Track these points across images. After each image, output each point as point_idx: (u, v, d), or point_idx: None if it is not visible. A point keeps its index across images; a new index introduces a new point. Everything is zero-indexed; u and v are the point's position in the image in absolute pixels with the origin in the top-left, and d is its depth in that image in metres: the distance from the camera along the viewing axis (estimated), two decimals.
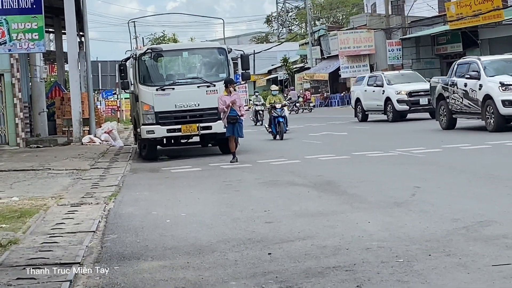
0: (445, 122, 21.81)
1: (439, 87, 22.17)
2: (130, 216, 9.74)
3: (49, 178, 14.76)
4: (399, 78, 31.14)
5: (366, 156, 15.78)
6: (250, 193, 11.28)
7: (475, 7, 43.75)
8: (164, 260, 6.93)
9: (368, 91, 31.18)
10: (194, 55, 19.70)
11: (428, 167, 13.28)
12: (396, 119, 28.93)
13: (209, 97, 18.10)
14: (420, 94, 28.64)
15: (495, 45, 45.36)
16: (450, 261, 6.14)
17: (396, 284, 5.55)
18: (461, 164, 13.45)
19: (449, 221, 7.86)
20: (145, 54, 18.81)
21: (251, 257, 6.80)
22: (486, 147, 15.87)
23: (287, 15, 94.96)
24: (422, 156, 14.96)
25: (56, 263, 6.84)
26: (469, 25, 44.60)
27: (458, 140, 17.62)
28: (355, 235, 7.47)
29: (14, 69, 23.79)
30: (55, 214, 9.88)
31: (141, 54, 18.80)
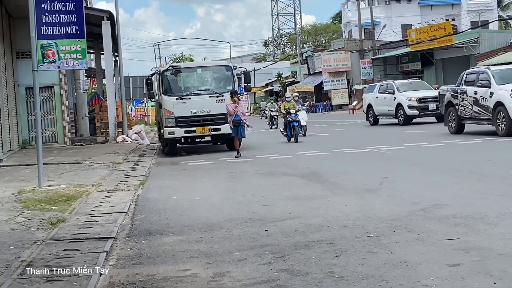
0: (454, 127, 19.47)
1: (448, 95, 19.88)
2: (154, 200, 9.74)
3: (90, 169, 14.77)
4: (408, 86, 28.77)
5: (344, 152, 15.77)
6: (251, 182, 11.27)
7: (431, 33, 43.83)
8: (182, 235, 6.93)
9: (379, 98, 29.14)
10: (206, 72, 19.70)
11: (393, 161, 13.27)
12: (406, 123, 26.85)
13: (218, 105, 18.10)
14: (428, 100, 26.56)
15: (447, 64, 45.44)
16: (411, 236, 6.14)
17: (367, 255, 5.55)
18: (420, 158, 13.45)
19: (410, 204, 7.86)
20: (167, 70, 18.82)
21: (252, 233, 6.80)
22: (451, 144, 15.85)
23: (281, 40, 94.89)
24: (389, 153, 14.96)
25: (95, 237, 6.85)
26: (426, 47, 44.65)
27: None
28: (334, 215, 7.47)
29: (62, 83, 23.82)
30: (95, 198, 9.89)
31: (164, 71, 18.82)
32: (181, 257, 5.91)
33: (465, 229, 6.31)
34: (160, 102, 19.11)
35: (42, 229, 7.39)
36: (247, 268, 5.36)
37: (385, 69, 52.40)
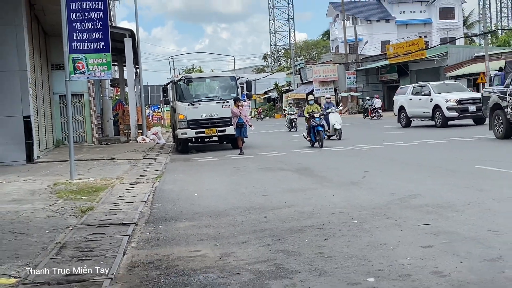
0: (502, 131, 15.33)
1: (495, 97, 15.65)
2: (170, 191, 9.74)
3: (114, 165, 14.77)
4: (444, 87, 24.26)
5: (332, 150, 15.76)
6: (252, 176, 11.27)
7: (406, 48, 43.81)
8: (193, 221, 6.94)
9: (413, 100, 24.64)
10: (213, 81, 19.69)
11: (374, 158, 13.26)
12: (444, 125, 22.55)
13: (224, 109, 18.11)
14: (468, 102, 22.37)
15: (420, 75, 45.41)
16: (389, 222, 6.14)
17: (352, 238, 5.55)
18: (397, 156, 13.44)
19: (388, 195, 7.86)
20: (180, 80, 18.82)
21: (253, 219, 6.80)
22: None
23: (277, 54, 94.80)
24: (370, 151, 14.94)
25: (119, 223, 6.85)
26: (402, 60, 44.63)
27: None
28: (324, 204, 7.47)
29: (90, 91, 23.81)
30: (118, 189, 9.89)
31: (178, 80, 18.83)
32: (192, 240, 5.92)
33: (436, 216, 6.31)
34: (174, 107, 19.13)
35: (73, 216, 7.40)
36: (249, 249, 5.37)
37: (367, 79, 52.43)
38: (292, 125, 29.94)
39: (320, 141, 16.90)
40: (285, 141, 21.92)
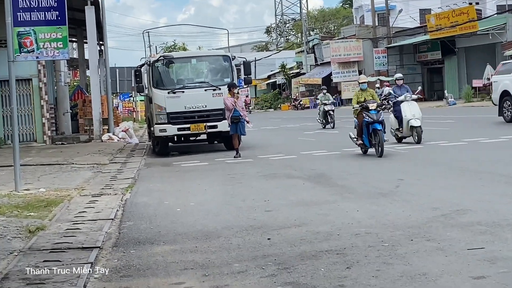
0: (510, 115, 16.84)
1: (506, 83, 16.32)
2: (144, 205, 9.74)
3: (72, 171, 14.77)
4: None
5: (355, 152, 15.76)
6: (251, 185, 11.27)
7: (453, 19, 43.77)
8: (175, 245, 6.94)
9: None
10: (201, 62, 19.69)
11: (410, 161, 13.25)
12: None
13: (215, 99, 18.10)
14: None
15: (470, 53, 45.42)
16: (430, 246, 6.14)
17: (381, 266, 5.55)
18: (440, 159, 13.43)
19: (429, 210, 7.86)
20: (158, 61, 18.83)
21: (252, 242, 6.80)
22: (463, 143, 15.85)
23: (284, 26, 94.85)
24: (405, 152, 14.94)
25: (78, 247, 6.85)
26: (447, 35, 44.60)
27: None
28: (345, 222, 7.47)
29: (41, 74, 23.82)
30: (77, 203, 9.89)
31: (155, 61, 18.82)
32: (174, 269, 5.91)
33: (491, 237, 6.31)
34: (150, 96, 19.12)
35: (19, 238, 7.39)
36: (247, 282, 5.37)
37: (401, 59, 52.43)
38: (327, 119, 27.42)
39: (378, 145, 14.12)
40: (294, 140, 21.93)
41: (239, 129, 16.57)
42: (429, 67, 50.95)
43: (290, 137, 23.54)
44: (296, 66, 72.08)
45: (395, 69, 52.09)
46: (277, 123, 34.26)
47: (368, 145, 14.65)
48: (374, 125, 14.37)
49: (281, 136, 24.52)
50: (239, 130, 16.59)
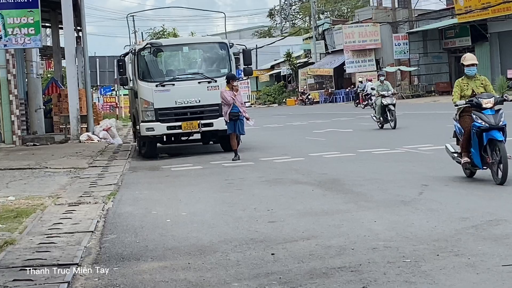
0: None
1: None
2: (129, 215, 9.73)
3: (46, 177, 14.76)
4: None
5: (372, 153, 15.76)
6: (252, 192, 11.27)
7: (484, 0, 43.68)
8: (165, 261, 6.93)
9: None
10: (194, 50, 19.69)
11: (436, 164, 13.25)
12: None
13: (210, 93, 18.08)
14: None
15: (505, 39, 45.35)
16: (459, 261, 6.14)
17: (403, 285, 5.55)
18: None
19: (458, 220, 7.86)
20: (144, 49, 18.81)
21: (254, 258, 6.80)
22: None
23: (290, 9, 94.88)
24: (430, 153, 14.95)
25: (53, 264, 6.84)
26: (478, 18, 44.58)
27: None
28: (360, 235, 7.47)
29: (9, 65, 23.79)
30: (52, 213, 9.87)
31: (140, 49, 18.80)
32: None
33: None
34: (135, 90, 19.12)
35: None
36: None
37: (424, 46, 52.44)
38: (386, 116, 23.73)
39: (498, 165, 10.42)
40: (301, 139, 21.94)
41: (238, 127, 16.56)
42: (457, 56, 50.82)
43: (296, 136, 23.54)
44: (303, 55, 72.09)
45: (418, 58, 52.18)
46: (282, 121, 34.27)
47: (480, 165, 10.82)
48: (491, 133, 10.55)
49: (287, 135, 24.52)
50: (238, 128, 16.58)
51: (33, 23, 12.29)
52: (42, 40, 23.35)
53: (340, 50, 59.16)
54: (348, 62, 57.58)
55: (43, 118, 29.04)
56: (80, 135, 24.78)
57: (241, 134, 16.95)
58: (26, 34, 12.39)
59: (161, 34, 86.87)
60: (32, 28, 12.34)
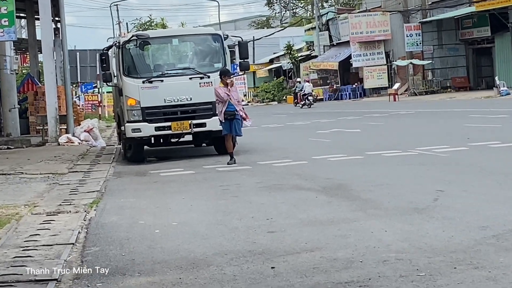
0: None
1: None
2: (114, 226, 9.72)
3: (21, 183, 14.74)
4: None
5: (382, 156, 15.76)
6: (250, 199, 11.27)
7: None
8: (153, 276, 6.93)
9: None
10: (185, 43, 19.68)
11: (452, 168, 13.26)
12: None
13: (202, 90, 18.07)
14: None
15: None
16: (479, 275, 6.14)
17: None
18: (491, 164, 13.43)
19: (477, 229, 7.85)
20: (130, 41, 18.79)
21: (252, 272, 6.80)
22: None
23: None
24: (446, 156, 14.95)
25: (30, 280, 6.83)
26: (498, 6, 44.61)
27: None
28: (370, 246, 7.47)
29: None
30: (28, 224, 9.86)
31: (125, 42, 18.79)
32: None
33: None
34: (120, 87, 19.10)
35: None
36: None
37: (439, 37, 52.46)
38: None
39: None
40: (303, 141, 21.96)
41: (234, 128, 16.54)
42: (475, 48, 50.99)
43: (298, 137, 23.54)
44: (305, 47, 72.15)
45: (432, 51, 52.22)
46: (282, 120, 34.30)
47: None
48: None
49: (287, 136, 24.52)
50: (234, 129, 16.56)
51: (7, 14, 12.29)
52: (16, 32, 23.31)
53: (346, 42, 59.20)
54: (354, 55, 57.60)
55: (18, 118, 29.05)
56: (59, 137, 24.77)
57: (238, 135, 16.92)
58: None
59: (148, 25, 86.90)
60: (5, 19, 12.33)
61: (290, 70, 71.15)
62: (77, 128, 26.32)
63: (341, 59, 60.23)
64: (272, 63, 76.49)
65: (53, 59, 26.17)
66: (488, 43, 49.09)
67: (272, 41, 73.14)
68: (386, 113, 33.70)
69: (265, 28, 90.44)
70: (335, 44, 63.30)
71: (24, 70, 50.41)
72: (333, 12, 65.29)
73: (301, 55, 70.16)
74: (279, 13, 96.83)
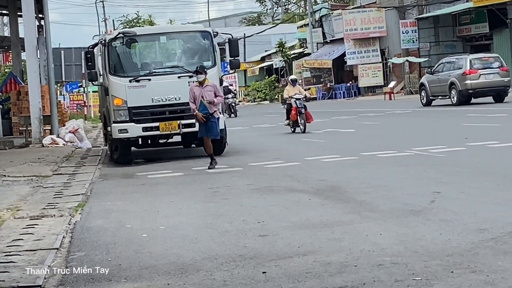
0: None
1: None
2: (100, 230, 9.71)
3: (3, 186, 14.71)
4: None
5: (377, 156, 15.78)
6: (241, 202, 11.27)
7: None
8: (141, 282, 6.92)
9: None
10: (173, 40, 19.67)
11: (449, 169, 13.28)
12: None
13: None
14: None
15: None
16: (476, 279, 6.15)
17: None
18: (489, 165, 13.46)
19: (475, 232, 7.87)
20: (116, 39, 18.77)
21: (243, 277, 6.80)
22: None
23: None
24: (443, 156, 14.97)
25: (13, 286, 6.82)
26: (496, 1, 44.64)
27: None
28: (364, 250, 7.47)
29: None
30: (11, 228, 9.84)
31: (112, 40, 18.77)
32: None
33: None
34: (106, 86, 19.08)
35: None
36: None
37: (436, 34, 52.46)
38: None
39: None
40: (296, 141, 21.96)
41: (210, 129, 16.20)
42: (473, 44, 51.02)
43: (291, 138, 23.55)
44: (298, 45, 72.19)
45: (429, 48, 52.19)
46: (274, 120, 34.28)
47: None
48: None
49: (279, 137, 24.52)
50: (211, 130, 16.18)
51: None
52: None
53: (340, 39, 59.23)
54: (349, 53, 57.63)
55: (0, 119, 28.96)
56: (43, 138, 24.73)
57: (214, 137, 16.45)
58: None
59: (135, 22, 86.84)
60: None
61: (283, 68, 71.15)
62: (62, 129, 26.27)
63: (335, 57, 60.26)
64: (264, 61, 76.51)
65: (37, 57, 26.12)
66: (486, 40, 49.11)
67: (263, 38, 73.24)
68: (382, 112, 33.74)
69: (256, 25, 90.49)
70: (328, 41, 63.33)
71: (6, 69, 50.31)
72: (326, 8, 65.28)
73: (294, 52, 70.15)
74: (271, 9, 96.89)
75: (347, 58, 58.21)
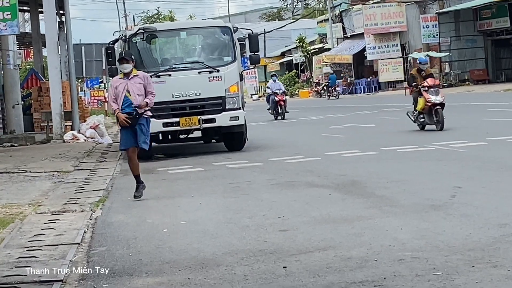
0: None
1: None
2: (120, 225, 9.74)
3: (25, 181, 14.77)
4: None
5: (397, 151, 15.74)
6: (261, 197, 11.27)
7: None
8: (161, 276, 6.94)
9: None
10: (193, 36, 19.66)
11: (470, 163, 13.23)
12: None
13: (212, 84, 18.07)
14: None
15: None
16: (497, 274, 6.13)
17: None
18: (510, 160, 13.39)
19: (496, 227, 7.84)
20: (137, 35, 18.78)
21: (263, 271, 6.80)
22: None
23: None
24: (464, 151, 14.91)
25: (35, 281, 6.86)
26: None
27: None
28: (385, 244, 7.46)
29: None
30: (33, 223, 9.89)
31: (132, 36, 18.79)
32: None
33: None
34: None
35: None
36: None
37: (457, 29, 52.27)
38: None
39: None
40: (316, 136, 21.93)
41: (137, 136, 12.12)
42: (494, 39, 50.81)
43: (311, 133, 23.51)
44: (318, 40, 71.97)
45: (449, 42, 52.02)
46: (294, 115, 34.23)
47: None
48: None
49: (300, 132, 24.50)
50: (136, 139, 12.14)
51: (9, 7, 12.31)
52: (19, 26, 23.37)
53: (360, 34, 59.00)
54: (369, 48, 57.41)
55: (21, 115, 29.08)
56: (64, 134, 24.80)
57: (141, 147, 12.26)
58: (1, 19, 12.40)
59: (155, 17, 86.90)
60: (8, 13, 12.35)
61: (303, 63, 71.01)
62: (83, 124, 26.35)
63: (355, 52, 60.05)
64: (284, 57, 76.35)
65: (58, 53, 26.18)
66: (507, 34, 48.84)
67: (283, 33, 73.00)
68: (402, 107, 33.52)
69: (276, 20, 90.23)
70: (348, 36, 63.10)
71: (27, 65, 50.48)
72: (346, 3, 65.01)
73: (314, 48, 69.95)
74: (291, 4, 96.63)
75: (367, 53, 57.99)
